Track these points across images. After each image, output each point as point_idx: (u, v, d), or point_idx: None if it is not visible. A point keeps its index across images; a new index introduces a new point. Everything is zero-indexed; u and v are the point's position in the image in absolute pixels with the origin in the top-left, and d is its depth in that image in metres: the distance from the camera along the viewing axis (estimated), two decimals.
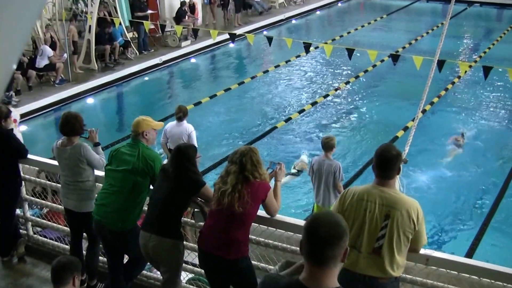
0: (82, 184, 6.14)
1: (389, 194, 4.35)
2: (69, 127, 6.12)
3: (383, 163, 4.39)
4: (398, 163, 4.44)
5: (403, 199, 4.37)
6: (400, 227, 4.26)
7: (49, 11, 19.20)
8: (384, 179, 4.40)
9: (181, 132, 9.60)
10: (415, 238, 4.35)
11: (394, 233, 4.26)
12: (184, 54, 19.87)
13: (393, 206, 4.28)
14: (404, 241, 4.30)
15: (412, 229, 4.29)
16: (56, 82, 16.03)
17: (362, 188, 4.49)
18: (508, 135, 13.94)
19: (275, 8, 26.22)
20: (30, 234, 7.35)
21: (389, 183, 4.41)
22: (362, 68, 18.23)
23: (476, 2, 28.60)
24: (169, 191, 5.27)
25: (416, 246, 4.45)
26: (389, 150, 4.41)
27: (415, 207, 4.31)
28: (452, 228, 10.26)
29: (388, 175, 4.40)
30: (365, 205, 4.34)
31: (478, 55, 20.37)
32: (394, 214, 4.26)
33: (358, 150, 12.96)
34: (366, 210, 4.33)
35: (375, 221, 4.30)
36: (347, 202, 4.41)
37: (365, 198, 4.36)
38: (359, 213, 4.35)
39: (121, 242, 5.75)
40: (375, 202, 4.32)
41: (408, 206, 4.29)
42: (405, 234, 4.29)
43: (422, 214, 4.33)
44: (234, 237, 4.90)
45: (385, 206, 4.30)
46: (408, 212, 4.27)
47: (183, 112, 9.76)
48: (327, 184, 8.39)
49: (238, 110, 15.60)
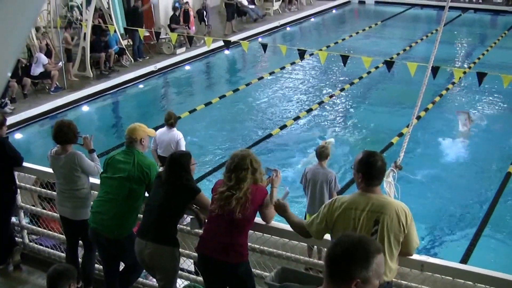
0: (77, 192, 6.15)
1: (377, 199, 4.37)
2: (63, 135, 6.12)
3: (369, 171, 4.39)
4: (384, 170, 4.48)
5: (391, 202, 4.40)
6: (390, 231, 4.28)
7: (44, 19, 19.23)
8: (371, 186, 4.42)
9: (170, 139, 9.56)
10: (406, 241, 4.36)
11: (385, 238, 4.27)
12: (179, 62, 19.90)
13: (381, 211, 4.30)
14: (395, 245, 4.32)
15: (402, 232, 4.31)
16: (51, 89, 16.03)
17: (349, 197, 4.50)
18: (502, 142, 13.98)
19: (269, 15, 26.27)
20: (26, 242, 7.35)
21: (375, 189, 4.43)
22: (357, 75, 18.28)
23: (470, 9, 28.76)
24: (165, 198, 5.29)
25: (408, 249, 4.46)
26: (376, 158, 4.41)
27: (403, 210, 4.33)
28: (448, 234, 10.30)
29: (376, 183, 4.43)
30: (353, 214, 4.35)
31: (472, 61, 20.45)
32: (383, 219, 4.28)
33: (353, 157, 12.96)
34: (355, 219, 4.34)
35: (365, 227, 4.31)
36: (336, 213, 4.42)
37: (353, 207, 4.38)
38: (348, 222, 4.36)
39: (117, 249, 5.76)
40: (363, 209, 4.34)
41: (396, 209, 4.31)
42: (396, 238, 4.31)
43: (410, 216, 4.35)
44: (236, 242, 4.94)
45: (373, 212, 4.31)
46: (397, 214, 4.29)
47: (173, 118, 9.72)
48: (321, 193, 8.23)
49: (233, 117, 15.62)
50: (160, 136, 9.65)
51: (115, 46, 18.27)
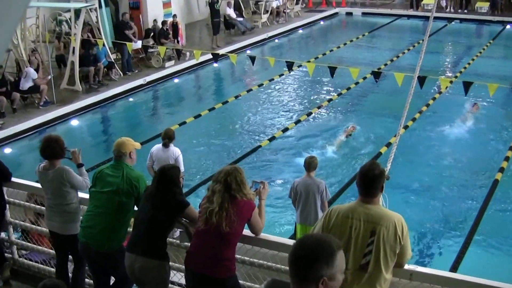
0: (66, 206, 6.15)
1: (374, 210, 4.41)
2: (50, 150, 6.13)
3: (366, 182, 4.45)
4: (382, 181, 4.50)
5: (388, 214, 4.43)
6: (387, 242, 4.32)
7: (32, 33, 19.26)
8: (368, 197, 4.46)
9: (167, 157, 9.42)
10: (400, 253, 4.41)
11: (380, 249, 4.31)
12: (168, 75, 19.92)
13: (378, 222, 4.34)
14: (390, 256, 4.36)
15: (398, 244, 4.35)
16: (40, 104, 16.01)
17: (346, 206, 4.55)
18: (489, 149, 14.09)
19: (258, 27, 26.39)
20: (16, 258, 7.32)
21: (374, 200, 4.47)
22: (345, 85, 18.37)
23: (456, 19, 29.02)
24: (154, 212, 5.31)
25: (401, 261, 4.51)
26: (372, 169, 4.46)
27: (400, 222, 4.38)
28: (437, 243, 10.35)
29: (372, 193, 4.46)
30: (350, 223, 4.39)
31: (459, 71, 20.62)
32: (379, 230, 4.32)
33: (342, 167, 13.03)
34: (351, 228, 4.38)
35: (361, 238, 4.35)
36: (332, 220, 4.45)
37: (350, 216, 4.41)
38: (344, 231, 4.40)
39: (107, 263, 5.76)
40: (360, 219, 4.37)
41: (393, 221, 4.35)
42: (392, 249, 4.35)
43: (406, 229, 4.41)
44: (223, 256, 4.95)
45: (370, 222, 4.35)
46: (394, 227, 4.33)
47: (168, 137, 9.54)
48: (314, 203, 8.32)
49: (222, 129, 15.66)
50: (157, 152, 9.56)
51: (104, 60, 18.29)
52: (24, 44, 17.46)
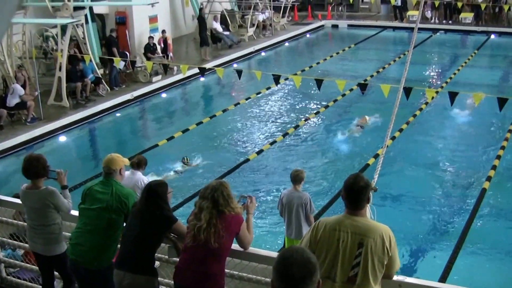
0: (49, 227, 6.08)
1: (361, 223, 4.43)
2: (32, 170, 6.05)
3: (352, 195, 4.47)
4: (367, 193, 4.52)
5: (375, 226, 4.45)
6: (374, 254, 4.34)
7: (19, 49, 19.21)
8: (354, 209, 4.49)
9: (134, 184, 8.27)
10: (388, 264, 4.42)
11: (368, 261, 4.33)
12: (156, 89, 19.93)
13: (366, 234, 4.36)
14: (379, 268, 4.37)
15: (386, 255, 4.37)
16: (27, 120, 15.95)
17: (333, 218, 4.57)
18: (476, 158, 14.19)
19: (244, 41, 26.49)
20: (3, 276, 7.27)
21: (360, 212, 4.49)
22: (332, 97, 18.46)
23: (441, 30, 29.28)
24: (142, 228, 5.30)
25: (390, 272, 4.53)
26: (357, 181, 4.47)
27: (388, 234, 4.40)
28: (425, 253, 10.38)
29: (358, 205, 4.48)
30: (337, 235, 4.40)
31: (444, 81, 20.79)
32: (367, 242, 4.33)
33: (329, 179, 13.07)
34: (339, 240, 4.39)
35: (349, 250, 4.36)
36: (320, 233, 4.47)
37: (337, 228, 4.42)
38: (332, 243, 4.41)
39: (97, 280, 5.73)
40: (348, 231, 4.39)
41: (380, 233, 4.38)
42: (380, 261, 4.36)
43: (394, 240, 4.43)
44: (211, 271, 4.95)
45: (357, 234, 4.37)
46: (381, 238, 4.36)
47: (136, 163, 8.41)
48: (297, 216, 8.36)
49: (210, 143, 15.65)
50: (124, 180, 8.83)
51: (91, 75, 18.26)
52: (11, 60, 17.43)
